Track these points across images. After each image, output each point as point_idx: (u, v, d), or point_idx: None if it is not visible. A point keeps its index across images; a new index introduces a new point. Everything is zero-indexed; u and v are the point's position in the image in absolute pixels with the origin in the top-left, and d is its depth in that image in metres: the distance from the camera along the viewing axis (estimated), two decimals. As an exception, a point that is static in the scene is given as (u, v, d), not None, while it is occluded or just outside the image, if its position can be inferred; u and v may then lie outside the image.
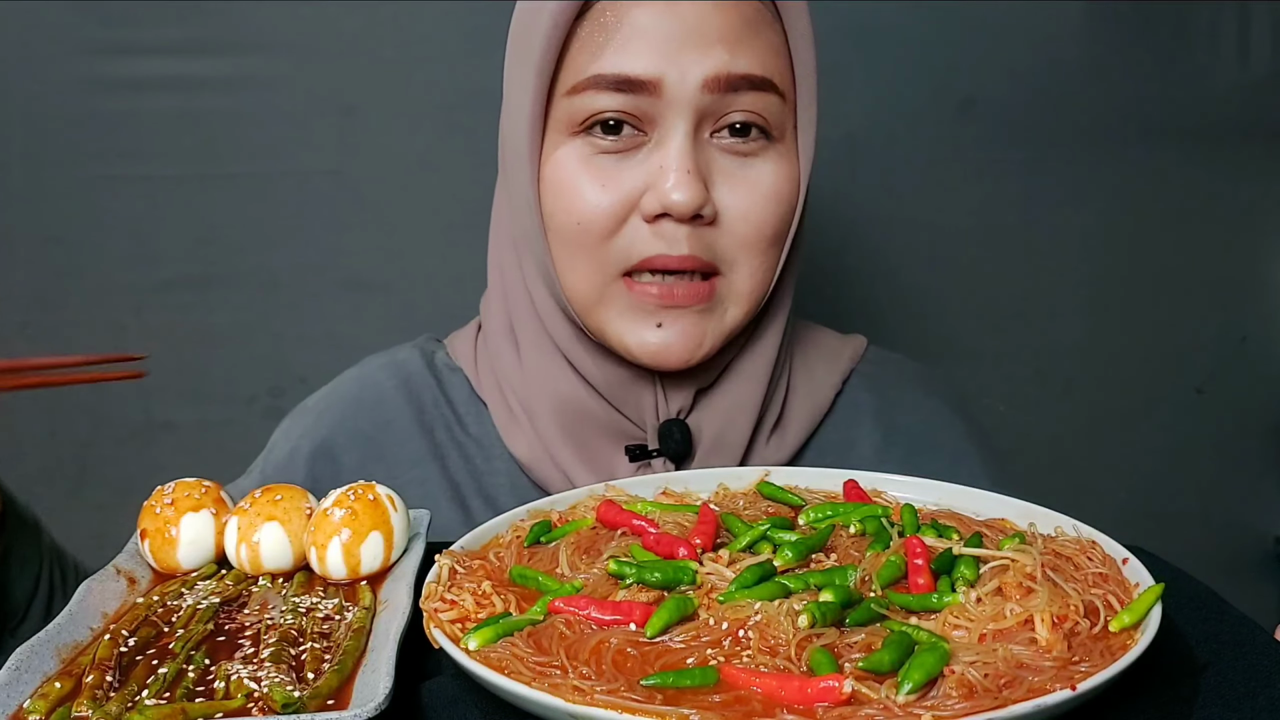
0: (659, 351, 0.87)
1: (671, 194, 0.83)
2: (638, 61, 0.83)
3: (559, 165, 0.87)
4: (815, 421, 0.98)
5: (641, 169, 0.85)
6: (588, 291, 0.88)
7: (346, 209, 1.49)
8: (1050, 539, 0.73)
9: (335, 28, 1.45)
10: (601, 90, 0.84)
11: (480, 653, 0.59)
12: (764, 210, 0.87)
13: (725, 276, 0.88)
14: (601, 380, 0.92)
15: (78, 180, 1.46)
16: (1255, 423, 1.64)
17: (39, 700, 0.57)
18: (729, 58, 0.83)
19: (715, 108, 0.85)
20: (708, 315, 0.88)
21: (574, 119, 0.86)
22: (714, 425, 0.94)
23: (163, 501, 0.76)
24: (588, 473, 0.92)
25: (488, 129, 1.49)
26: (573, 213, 0.86)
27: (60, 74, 1.44)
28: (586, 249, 0.86)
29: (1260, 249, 1.60)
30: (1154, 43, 1.53)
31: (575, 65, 0.85)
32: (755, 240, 0.87)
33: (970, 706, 0.52)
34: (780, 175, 0.88)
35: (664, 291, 0.86)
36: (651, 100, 0.84)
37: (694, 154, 0.84)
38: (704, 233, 0.86)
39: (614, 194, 0.85)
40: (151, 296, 1.50)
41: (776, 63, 0.87)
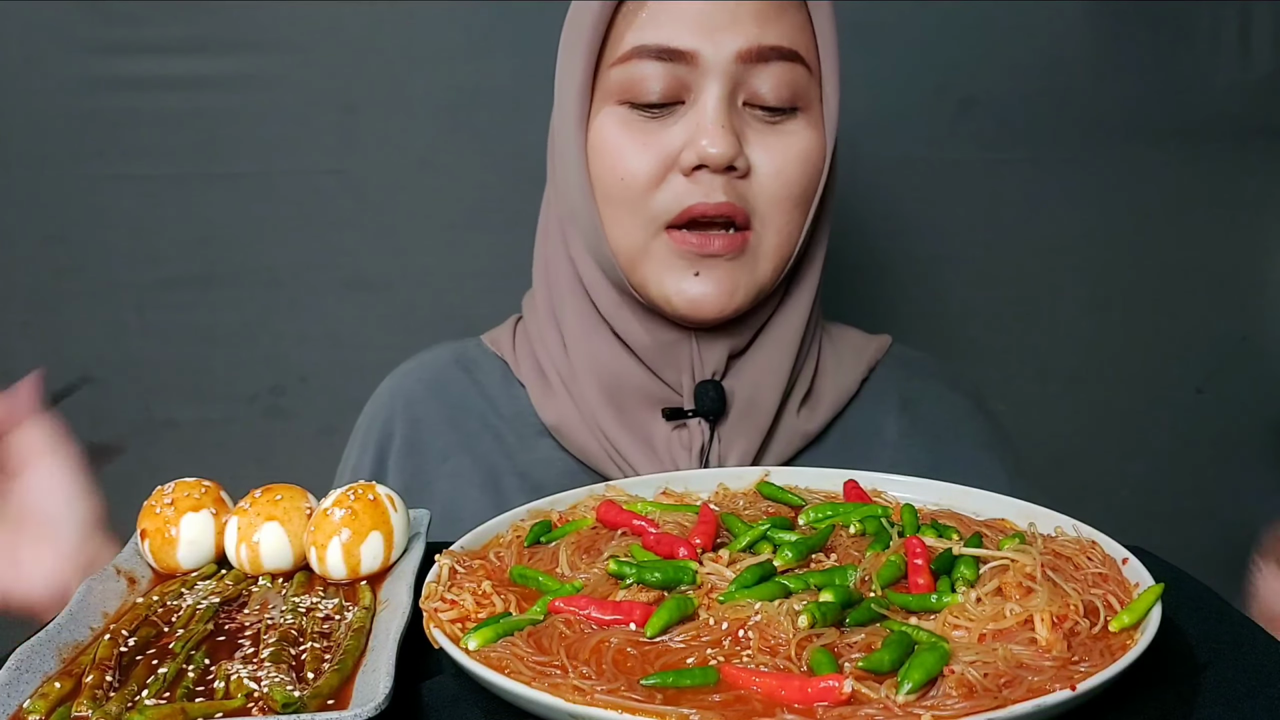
0: (696, 299, 0.93)
1: (708, 147, 0.90)
2: (676, 35, 0.90)
3: (602, 130, 0.94)
4: (842, 402, 1.04)
5: (679, 128, 0.92)
6: (631, 246, 0.95)
7: (348, 208, 1.49)
8: (1050, 539, 0.73)
9: (337, 27, 1.45)
10: (644, 59, 0.91)
11: (480, 653, 0.60)
12: (793, 169, 0.94)
13: (756, 231, 0.94)
14: (641, 344, 0.98)
15: (79, 179, 1.46)
16: (1255, 423, 1.64)
17: (39, 700, 0.57)
18: (759, 32, 0.91)
19: (747, 77, 0.92)
20: (740, 267, 0.94)
21: (619, 88, 0.93)
22: (746, 388, 0.99)
23: (163, 501, 0.76)
24: (626, 434, 0.98)
25: (488, 127, 1.49)
26: (616, 170, 0.93)
27: (61, 73, 1.44)
28: (630, 204, 0.93)
29: (1261, 248, 1.60)
30: (1154, 42, 1.53)
31: (619, 39, 0.93)
32: (784, 197, 0.94)
33: (970, 706, 0.52)
34: (807, 139, 0.94)
35: (702, 241, 0.92)
36: (689, 69, 0.91)
37: (728, 113, 0.91)
38: (738, 184, 0.92)
39: (655, 152, 0.92)
40: (152, 295, 1.50)
41: (802, 38, 0.94)
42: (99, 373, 1.51)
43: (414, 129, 1.48)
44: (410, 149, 1.48)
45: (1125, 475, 1.61)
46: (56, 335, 1.50)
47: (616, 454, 0.98)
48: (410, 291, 1.51)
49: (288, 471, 0.87)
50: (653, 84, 0.91)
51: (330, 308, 1.51)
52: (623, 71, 0.92)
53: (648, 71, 0.91)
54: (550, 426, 1.02)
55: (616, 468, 0.99)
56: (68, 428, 0.93)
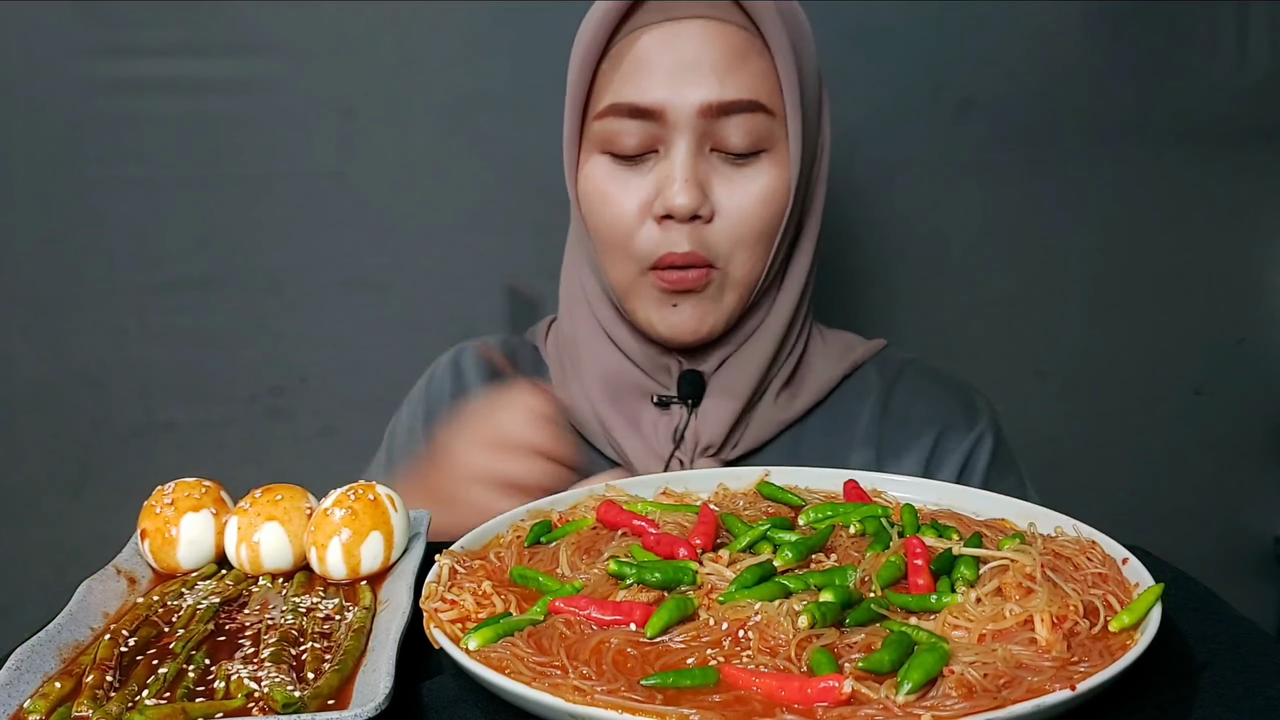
0: (675, 326, 1.04)
1: (675, 199, 0.98)
2: (645, 92, 0.99)
3: (589, 177, 1.04)
4: (824, 393, 1.11)
5: (652, 178, 1.01)
6: (623, 282, 1.05)
7: (347, 210, 1.49)
8: (1050, 539, 0.73)
9: (336, 29, 1.45)
10: (619, 116, 1.00)
11: (480, 653, 0.60)
12: (753, 210, 1.01)
13: (720, 269, 1.02)
14: (636, 353, 1.09)
15: (79, 181, 1.46)
16: (1254, 423, 1.64)
17: (39, 700, 0.57)
18: (720, 87, 0.98)
19: (711, 128, 0.99)
20: (708, 299, 1.03)
21: (601, 139, 1.02)
22: (724, 378, 1.08)
23: (163, 501, 0.76)
24: (619, 419, 1.09)
25: (487, 130, 1.50)
26: (603, 216, 1.03)
27: (61, 76, 1.44)
28: (618, 246, 1.03)
29: (1259, 250, 1.60)
30: (1152, 44, 1.53)
31: (600, 95, 1.02)
32: (745, 235, 1.02)
33: (970, 706, 0.52)
34: (771, 179, 1.02)
35: (677, 278, 1.02)
36: (658, 124, 0.99)
37: (694, 165, 0.99)
38: (702, 231, 1.01)
39: (633, 201, 1.01)
40: (153, 297, 1.50)
41: (764, 85, 1.00)
42: (100, 375, 1.51)
43: (413, 131, 1.48)
44: (409, 151, 1.48)
45: (1125, 475, 1.61)
46: (57, 337, 1.50)
47: (610, 434, 1.09)
48: (409, 293, 1.51)
49: (288, 472, 0.87)
50: (628, 138, 1.00)
51: (330, 309, 1.51)
52: (603, 125, 1.01)
53: (622, 127, 1.00)
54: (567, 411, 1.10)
55: (610, 447, 1.09)
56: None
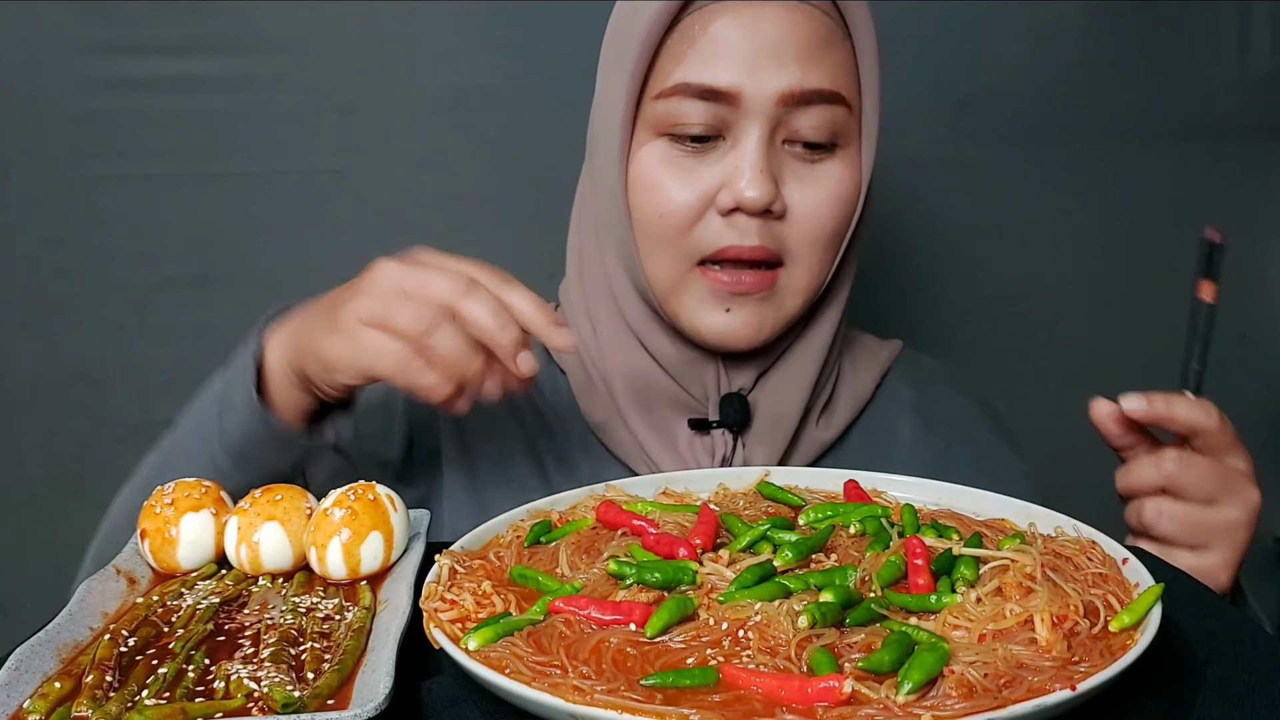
0: (725, 333, 0.96)
1: (745, 191, 0.91)
2: (719, 73, 0.91)
3: (644, 163, 0.95)
4: (859, 408, 1.07)
5: (719, 168, 0.93)
6: (667, 278, 0.97)
7: (346, 208, 1.49)
8: (1050, 539, 0.73)
9: (335, 27, 1.45)
10: (686, 97, 0.92)
11: (480, 653, 0.60)
12: (829, 209, 0.95)
13: (787, 269, 0.96)
14: (669, 358, 1.01)
15: (77, 179, 1.46)
16: (1255, 422, 1.64)
17: (39, 700, 0.57)
18: (801, 74, 0.91)
19: (787, 118, 0.93)
20: (769, 303, 0.96)
21: (660, 121, 0.94)
22: (769, 402, 1.01)
23: (163, 501, 0.76)
24: (654, 438, 1.01)
25: (488, 127, 1.49)
26: (655, 206, 0.95)
27: (60, 73, 1.44)
28: (667, 240, 0.95)
29: (1260, 248, 1.60)
30: (1153, 41, 1.53)
31: (663, 72, 0.93)
32: (818, 236, 0.96)
33: (970, 706, 0.52)
34: (845, 178, 0.96)
35: (734, 279, 0.94)
36: (730, 109, 0.92)
37: (767, 156, 0.92)
38: (773, 226, 0.94)
39: (693, 190, 0.94)
40: (152, 295, 1.50)
41: (845, 77, 0.95)
42: (98, 373, 1.51)
43: (413, 129, 1.48)
44: (409, 149, 1.48)
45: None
46: (55, 336, 1.49)
47: (645, 454, 1.01)
48: (409, 292, 1.51)
49: (287, 472, 0.87)
50: (694, 121, 0.92)
51: (329, 308, 1.51)
52: (665, 106, 0.93)
53: (689, 109, 0.92)
54: (593, 424, 1.04)
55: (645, 465, 1.01)
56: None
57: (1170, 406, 0.86)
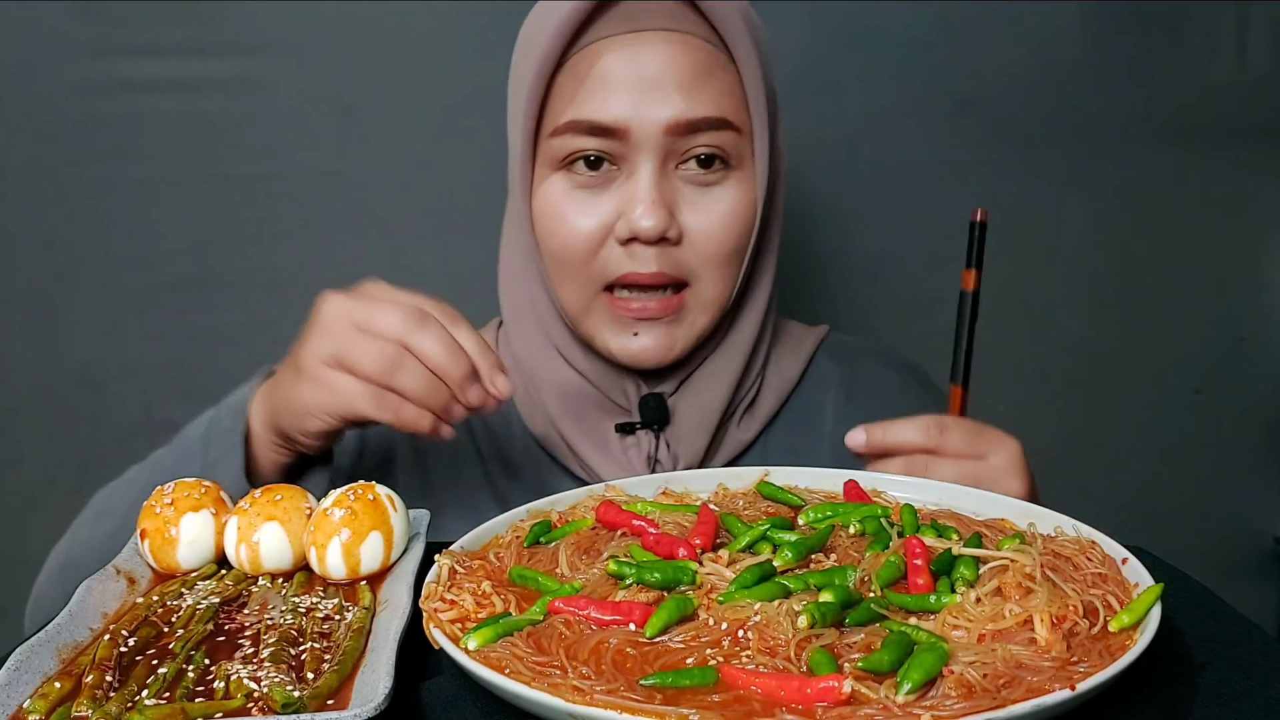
0: (636, 355, 1.00)
1: (640, 221, 0.95)
2: (607, 109, 0.95)
3: (545, 197, 0.99)
4: (783, 397, 1.10)
5: (615, 199, 0.97)
6: (576, 304, 1.01)
7: (345, 210, 1.49)
8: (1050, 539, 0.73)
9: (334, 29, 1.45)
10: (578, 134, 0.96)
11: (480, 653, 0.60)
12: (723, 230, 0.98)
13: (693, 288, 1.00)
14: (591, 371, 1.05)
15: (77, 182, 1.46)
16: (1254, 423, 1.64)
17: (39, 700, 0.57)
18: (686, 104, 0.95)
19: (677, 146, 0.96)
20: (677, 324, 1.00)
21: (556, 156, 0.98)
22: (690, 401, 1.05)
23: (163, 501, 0.76)
24: (587, 443, 1.04)
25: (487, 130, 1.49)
26: (558, 237, 0.99)
27: (60, 76, 1.44)
28: (572, 268, 0.99)
29: (1259, 249, 1.60)
30: (1151, 42, 1.53)
31: (556, 110, 0.97)
32: (715, 255, 0.99)
33: (969, 706, 0.52)
34: (739, 198, 0.99)
35: (640, 306, 0.99)
36: (620, 142, 0.96)
37: (660, 185, 0.96)
38: (670, 251, 0.97)
39: (592, 220, 0.97)
40: (151, 297, 1.50)
41: (730, 102, 0.97)
42: (98, 375, 1.51)
43: (411, 131, 1.48)
44: (407, 151, 1.48)
45: (1124, 475, 1.61)
46: (55, 338, 1.49)
47: (580, 459, 1.05)
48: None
49: (287, 472, 0.87)
50: (588, 156, 0.97)
51: (329, 309, 1.51)
52: (560, 142, 0.97)
53: (583, 144, 0.96)
54: (535, 435, 1.08)
55: (582, 469, 1.05)
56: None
57: (885, 434, 0.89)
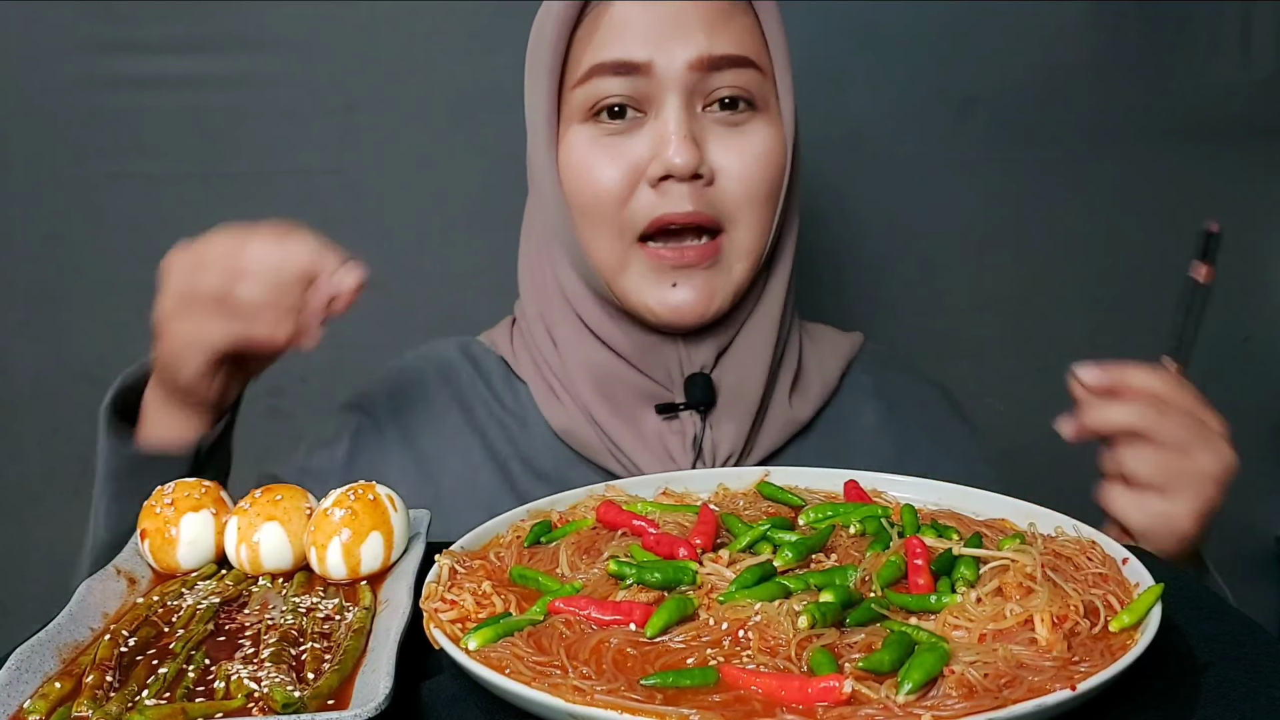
0: (677, 308, 0.97)
1: (673, 157, 0.93)
2: (630, 48, 0.95)
3: (572, 148, 0.98)
4: (827, 395, 1.08)
5: (644, 141, 0.96)
6: (610, 259, 0.98)
7: (347, 208, 1.49)
8: (1050, 539, 0.73)
9: (337, 26, 1.45)
10: (603, 76, 0.95)
11: (480, 653, 0.60)
12: (756, 169, 0.97)
13: (728, 234, 0.97)
14: (629, 348, 1.02)
15: (79, 178, 1.46)
16: (1256, 423, 1.63)
17: (39, 700, 0.57)
18: (708, 41, 0.95)
19: (702, 85, 0.96)
20: (716, 273, 0.98)
21: (582, 106, 0.97)
22: (731, 378, 1.02)
23: (163, 501, 0.76)
24: (623, 431, 1.01)
25: (488, 127, 1.49)
26: (588, 186, 0.97)
27: (62, 72, 1.44)
28: (604, 219, 0.97)
29: (1262, 249, 1.60)
30: (1156, 43, 1.53)
31: (577, 62, 0.97)
32: (751, 197, 0.97)
33: (970, 706, 0.52)
34: (768, 138, 0.98)
35: (676, 254, 0.96)
36: (646, 80, 0.95)
37: (688, 122, 0.95)
38: (704, 192, 0.96)
39: (622, 166, 0.96)
40: (152, 294, 1.49)
41: (752, 42, 0.97)
42: (100, 372, 1.51)
43: (413, 129, 1.48)
44: (409, 149, 1.48)
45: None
46: (56, 334, 1.50)
47: (615, 448, 1.01)
48: (409, 292, 1.51)
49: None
50: (613, 99, 0.96)
51: (330, 308, 1.51)
52: (584, 91, 0.97)
53: (607, 87, 0.96)
54: (558, 430, 1.04)
55: (615, 460, 1.01)
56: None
57: (1124, 373, 0.88)
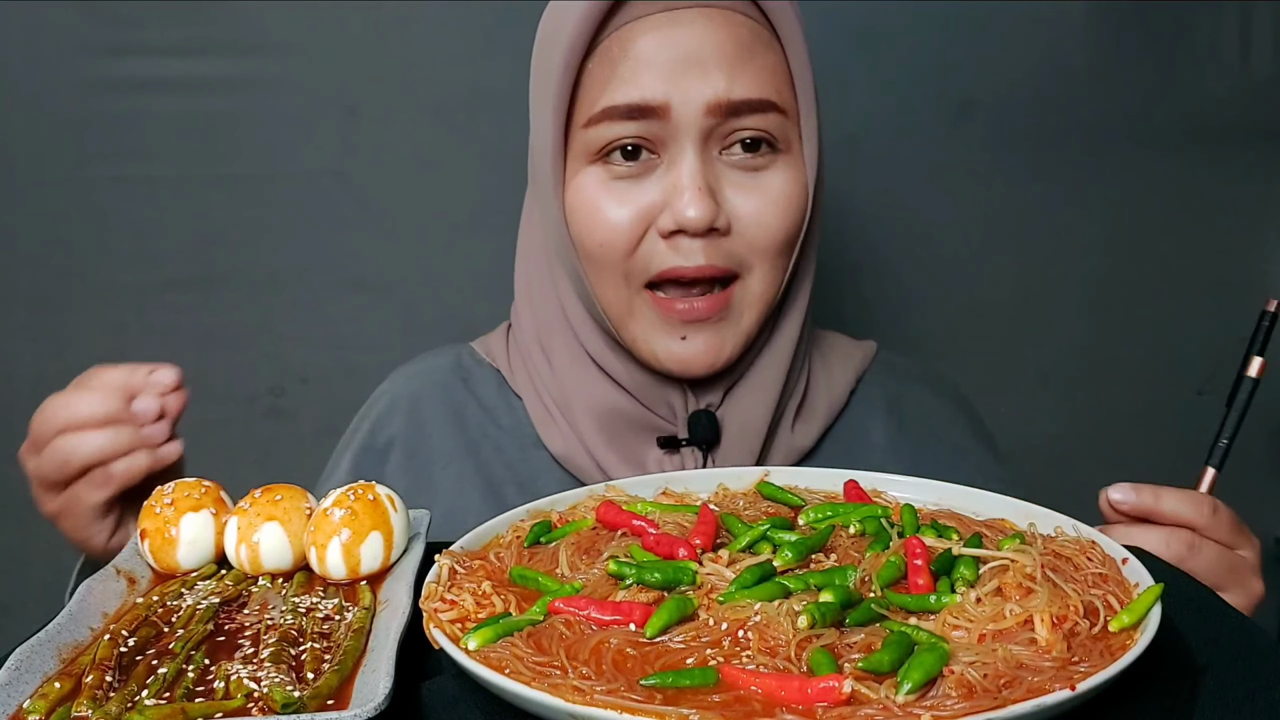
0: (685, 361, 0.94)
1: (686, 210, 0.88)
2: (644, 89, 0.89)
3: (580, 190, 0.93)
4: (834, 413, 1.05)
5: (657, 188, 0.91)
6: (617, 305, 0.94)
7: (348, 209, 1.49)
8: (1050, 539, 0.73)
9: (337, 28, 1.45)
10: (615, 120, 0.90)
11: (480, 653, 0.60)
12: (775, 216, 0.92)
13: (743, 281, 0.93)
14: (632, 383, 0.99)
15: (80, 180, 1.46)
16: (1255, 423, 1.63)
17: (39, 700, 0.57)
18: (727, 84, 0.88)
19: (721, 128, 0.90)
20: (726, 324, 0.94)
21: (591, 148, 0.92)
22: (736, 416, 0.99)
23: (163, 501, 0.76)
24: (621, 464, 0.98)
25: (489, 129, 1.50)
26: (595, 233, 0.92)
27: (63, 74, 1.44)
28: (611, 266, 0.93)
29: (1261, 250, 1.60)
30: (1155, 45, 1.53)
31: (589, 99, 0.91)
32: (768, 245, 0.92)
33: (970, 706, 0.52)
34: (789, 182, 0.93)
35: (687, 308, 0.92)
36: (661, 124, 0.89)
37: (704, 171, 0.89)
38: (719, 243, 0.91)
39: (631, 212, 0.91)
40: (153, 297, 1.50)
41: (775, 81, 0.91)
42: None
43: (414, 130, 1.48)
44: (411, 150, 1.48)
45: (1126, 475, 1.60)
46: (57, 337, 1.50)
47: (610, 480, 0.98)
48: (410, 293, 1.51)
49: (288, 471, 0.87)
50: (626, 143, 0.90)
51: (330, 309, 1.51)
52: (595, 132, 0.91)
53: (620, 131, 0.90)
54: (556, 455, 1.02)
55: None
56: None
57: (1157, 499, 0.84)
